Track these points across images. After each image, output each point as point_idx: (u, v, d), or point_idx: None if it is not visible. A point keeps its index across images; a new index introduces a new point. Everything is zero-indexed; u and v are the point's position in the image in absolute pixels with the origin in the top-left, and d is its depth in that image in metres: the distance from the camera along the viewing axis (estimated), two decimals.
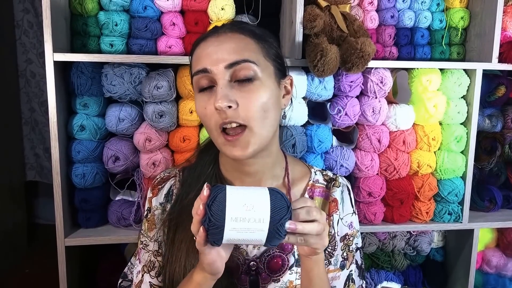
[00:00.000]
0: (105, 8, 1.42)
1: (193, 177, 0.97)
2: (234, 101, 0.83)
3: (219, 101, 0.82)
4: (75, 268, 1.50)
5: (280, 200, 0.71)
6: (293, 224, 0.71)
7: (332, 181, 1.03)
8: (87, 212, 1.45)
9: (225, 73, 0.84)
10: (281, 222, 0.70)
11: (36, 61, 2.91)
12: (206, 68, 0.85)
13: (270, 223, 0.69)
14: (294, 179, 1.01)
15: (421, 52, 1.62)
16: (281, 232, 0.70)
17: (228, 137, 0.84)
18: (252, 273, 0.93)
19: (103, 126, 1.42)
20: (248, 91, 0.85)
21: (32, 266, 2.64)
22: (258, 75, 0.86)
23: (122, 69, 1.37)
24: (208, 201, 0.70)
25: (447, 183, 1.55)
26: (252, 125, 0.84)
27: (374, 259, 1.67)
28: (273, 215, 0.69)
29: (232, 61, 0.84)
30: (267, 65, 0.90)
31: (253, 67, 0.85)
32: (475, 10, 1.61)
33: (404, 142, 1.49)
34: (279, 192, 0.73)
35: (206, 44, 0.89)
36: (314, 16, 1.33)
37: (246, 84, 0.85)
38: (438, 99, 1.48)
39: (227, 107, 0.82)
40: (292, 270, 0.94)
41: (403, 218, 1.55)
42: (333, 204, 1.00)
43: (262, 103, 0.85)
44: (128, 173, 1.46)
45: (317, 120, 1.50)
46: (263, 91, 0.86)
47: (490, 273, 1.78)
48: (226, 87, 0.84)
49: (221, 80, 0.84)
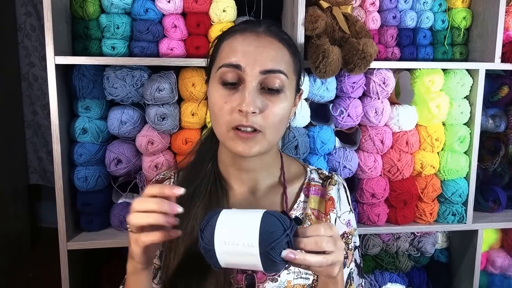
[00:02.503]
0: (107, 11, 1.42)
1: (192, 173, 0.97)
2: (259, 107, 0.83)
3: (247, 106, 0.81)
4: (78, 272, 1.50)
5: (275, 222, 0.67)
6: (292, 254, 0.66)
7: (328, 179, 1.02)
8: (89, 215, 1.44)
9: (257, 77, 0.83)
10: (271, 246, 0.65)
11: (39, 64, 2.91)
12: (240, 65, 0.83)
13: (260, 247, 0.65)
14: (290, 178, 1.00)
15: (423, 52, 1.61)
16: (274, 258, 0.66)
17: (240, 133, 0.84)
18: (248, 272, 0.93)
19: (105, 129, 1.42)
20: (273, 101, 0.85)
21: (35, 270, 2.63)
22: (285, 88, 0.86)
23: (124, 71, 1.37)
24: (202, 226, 0.70)
25: (450, 183, 1.55)
26: (267, 132, 0.85)
27: (378, 260, 1.66)
28: (263, 239, 0.65)
29: (269, 69, 0.84)
30: (293, 79, 0.90)
31: (284, 79, 0.86)
32: (477, 10, 1.60)
33: (407, 143, 1.49)
34: (276, 215, 0.68)
35: (245, 39, 0.87)
36: (315, 18, 1.33)
37: (272, 94, 0.85)
38: (441, 99, 1.48)
39: (251, 112, 0.81)
40: (290, 270, 0.93)
41: (406, 219, 1.54)
42: (329, 203, 0.99)
43: (281, 115, 0.86)
44: (130, 176, 1.46)
45: (320, 121, 1.49)
46: (285, 103, 0.86)
47: (495, 274, 1.76)
48: (256, 92, 0.83)
49: (252, 83, 0.83)
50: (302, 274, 0.94)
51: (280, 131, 0.89)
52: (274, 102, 0.85)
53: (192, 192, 0.92)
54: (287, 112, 0.88)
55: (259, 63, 0.83)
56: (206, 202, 0.91)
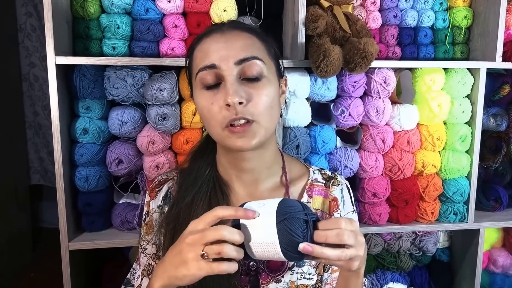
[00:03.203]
0: (107, 11, 1.42)
1: (189, 181, 0.96)
2: (245, 97, 0.83)
3: (230, 97, 0.81)
4: (80, 272, 1.50)
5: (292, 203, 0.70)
6: (310, 247, 0.68)
7: (331, 179, 1.02)
8: (90, 215, 1.44)
9: (234, 69, 0.84)
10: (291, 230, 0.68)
11: (39, 65, 2.91)
12: (214, 64, 0.84)
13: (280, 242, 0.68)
14: (292, 178, 1.00)
15: (424, 51, 1.61)
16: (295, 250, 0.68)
17: (235, 128, 0.84)
18: (252, 273, 0.93)
19: (106, 129, 1.42)
20: (256, 87, 0.85)
21: (37, 270, 2.64)
22: (265, 73, 0.86)
23: (124, 71, 1.36)
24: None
25: (452, 183, 1.55)
26: (260, 119, 0.84)
27: (380, 260, 1.66)
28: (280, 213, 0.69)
29: (242, 58, 0.84)
30: (271, 64, 0.91)
31: (261, 64, 0.86)
32: (478, 9, 1.60)
33: (409, 142, 1.49)
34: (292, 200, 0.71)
35: (212, 39, 0.88)
36: (316, 17, 1.32)
37: (254, 81, 0.85)
38: (442, 98, 1.47)
39: (238, 103, 0.81)
40: (293, 270, 0.93)
41: (408, 218, 1.54)
42: (333, 203, 0.99)
43: (269, 100, 0.86)
44: (131, 176, 1.46)
45: (321, 121, 1.49)
46: (269, 88, 0.87)
47: (497, 273, 1.76)
48: (236, 83, 0.84)
49: (230, 76, 0.84)
50: (305, 275, 0.94)
51: (274, 117, 0.88)
52: (258, 88, 0.85)
53: (191, 200, 0.92)
54: (275, 97, 0.88)
55: (231, 56, 0.84)
56: (206, 208, 0.90)
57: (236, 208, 0.72)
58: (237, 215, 0.71)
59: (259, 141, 0.85)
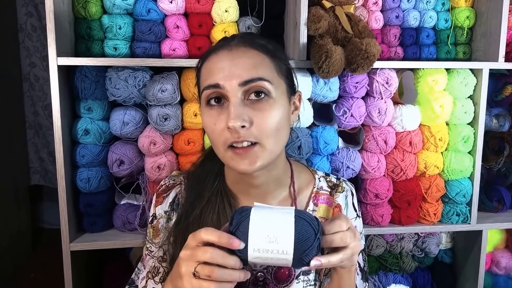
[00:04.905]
0: (109, 11, 1.42)
1: (197, 192, 0.95)
2: (247, 120, 0.80)
3: (232, 121, 0.79)
4: (81, 273, 1.49)
5: (307, 228, 0.68)
6: (318, 261, 0.68)
7: (336, 187, 1.02)
8: (92, 216, 1.44)
9: (238, 90, 0.81)
10: (306, 253, 0.67)
11: (40, 65, 2.91)
12: (218, 84, 0.82)
13: (294, 254, 0.66)
14: (300, 187, 0.99)
15: (426, 52, 1.60)
16: (305, 262, 0.68)
17: (237, 150, 0.82)
18: (259, 284, 0.92)
19: (107, 130, 1.41)
20: (261, 109, 0.82)
21: (37, 271, 2.63)
22: (272, 94, 0.84)
23: (126, 72, 1.36)
24: (232, 228, 0.68)
25: (454, 184, 1.54)
26: (265, 142, 0.82)
27: (382, 261, 1.65)
28: (298, 247, 0.66)
29: (247, 79, 0.81)
30: (280, 83, 0.88)
31: (267, 85, 0.83)
32: (480, 9, 1.59)
33: (411, 143, 1.48)
34: (306, 219, 0.69)
35: (218, 57, 0.85)
36: (318, 17, 1.32)
37: (259, 102, 0.82)
38: (444, 99, 1.47)
39: (240, 127, 0.79)
40: (299, 279, 0.94)
41: (410, 219, 1.53)
42: (336, 210, 0.99)
43: (275, 122, 0.83)
44: (133, 177, 1.45)
45: (323, 121, 1.48)
46: (276, 109, 0.84)
47: (500, 274, 1.76)
48: (240, 105, 0.81)
49: (234, 97, 0.81)
50: (311, 282, 0.95)
51: (280, 138, 0.86)
52: (263, 110, 0.82)
53: (199, 214, 0.91)
54: (283, 118, 0.85)
55: (235, 76, 0.82)
56: (215, 221, 0.90)
57: (220, 234, 0.68)
58: (220, 242, 0.67)
59: (262, 165, 0.83)
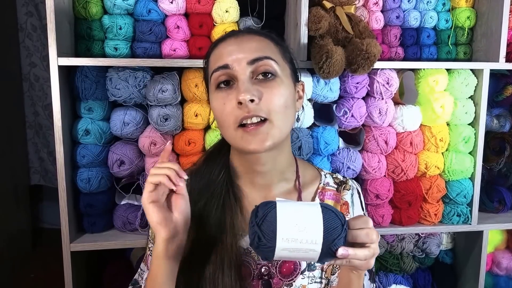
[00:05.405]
0: (109, 11, 1.42)
1: (202, 185, 0.95)
2: (257, 95, 0.83)
3: (242, 94, 0.81)
4: (81, 273, 1.49)
5: (334, 219, 0.68)
6: (346, 251, 0.68)
7: (343, 184, 1.02)
8: (92, 217, 1.44)
9: (246, 69, 0.85)
10: (334, 242, 0.67)
11: (40, 65, 2.91)
12: (227, 64, 0.85)
13: (323, 244, 0.66)
14: (305, 182, 1.00)
15: (427, 52, 1.60)
16: (333, 252, 0.68)
17: (248, 128, 0.83)
18: (264, 278, 0.92)
19: (108, 130, 1.41)
20: (269, 86, 0.85)
21: (37, 271, 2.63)
22: (278, 74, 0.87)
23: (126, 72, 1.36)
24: (258, 220, 0.68)
25: (455, 184, 1.54)
26: (274, 118, 0.84)
27: (383, 262, 1.65)
28: (327, 236, 0.67)
29: (255, 57, 0.85)
30: (285, 66, 0.91)
31: (274, 65, 0.86)
32: (481, 9, 1.59)
33: (412, 143, 1.48)
34: (332, 210, 0.70)
35: (226, 43, 0.89)
36: (319, 18, 1.32)
37: (267, 80, 0.86)
38: (445, 99, 1.47)
39: (249, 100, 0.81)
40: (304, 275, 0.94)
41: (411, 220, 1.53)
42: (344, 207, 0.99)
43: (283, 99, 0.86)
44: (133, 177, 1.45)
45: (323, 122, 1.48)
46: (283, 88, 0.87)
47: (500, 275, 1.76)
48: (248, 82, 0.84)
49: (243, 75, 0.84)
50: (316, 279, 0.94)
51: (288, 117, 0.88)
52: (271, 87, 0.85)
53: (204, 204, 0.92)
54: (289, 98, 0.88)
55: (244, 56, 0.85)
56: (219, 212, 0.91)
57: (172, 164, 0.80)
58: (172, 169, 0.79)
59: (273, 143, 0.84)
